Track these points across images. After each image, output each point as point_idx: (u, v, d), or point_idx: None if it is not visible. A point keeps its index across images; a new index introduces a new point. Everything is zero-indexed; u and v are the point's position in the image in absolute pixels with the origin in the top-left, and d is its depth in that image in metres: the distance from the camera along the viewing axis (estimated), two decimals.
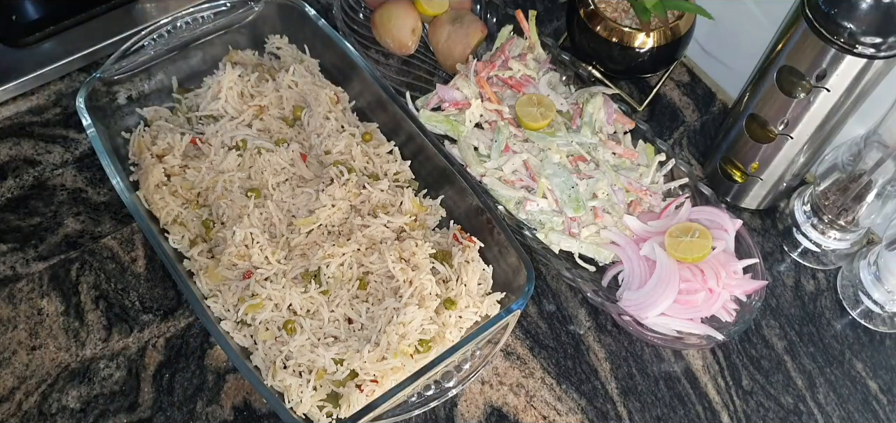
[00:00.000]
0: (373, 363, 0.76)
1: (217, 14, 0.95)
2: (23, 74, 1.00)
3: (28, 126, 0.99)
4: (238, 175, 0.89)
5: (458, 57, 1.03)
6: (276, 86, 0.96)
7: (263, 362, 0.77)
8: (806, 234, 0.95)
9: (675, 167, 0.95)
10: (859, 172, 0.89)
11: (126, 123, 0.93)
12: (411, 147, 0.93)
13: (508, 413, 0.83)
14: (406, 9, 1.04)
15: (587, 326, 0.89)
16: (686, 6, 0.99)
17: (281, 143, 0.91)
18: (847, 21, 0.76)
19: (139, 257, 0.90)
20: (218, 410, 0.81)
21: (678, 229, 0.87)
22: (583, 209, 0.90)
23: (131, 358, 0.83)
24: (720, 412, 0.85)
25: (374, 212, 0.87)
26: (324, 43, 0.99)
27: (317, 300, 0.80)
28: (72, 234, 0.91)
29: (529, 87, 0.99)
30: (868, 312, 0.91)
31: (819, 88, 0.82)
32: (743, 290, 0.86)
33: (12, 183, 0.94)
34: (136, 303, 0.87)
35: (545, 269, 0.93)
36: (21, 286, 0.87)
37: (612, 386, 0.85)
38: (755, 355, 0.89)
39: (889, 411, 0.86)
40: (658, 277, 0.84)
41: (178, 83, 0.97)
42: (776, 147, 0.90)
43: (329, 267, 0.82)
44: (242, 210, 0.85)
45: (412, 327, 0.78)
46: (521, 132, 0.95)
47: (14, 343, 0.83)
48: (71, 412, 0.80)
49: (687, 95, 1.10)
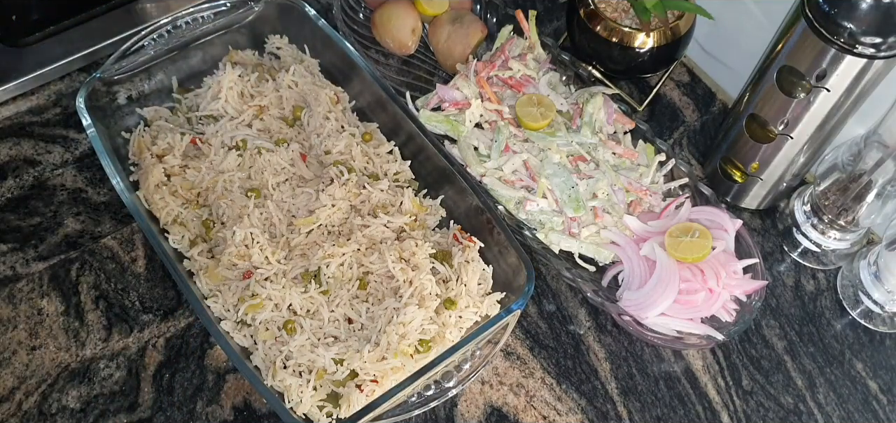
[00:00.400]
0: (373, 363, 0.76)
1: (217, 14, 0.95)
2: (23, 73, 1.01)
3: (28, 126, 0.99)
4: (238, 175, 0.89)
5: (458, 57, 1.03)
6: (276, 86, 0.96)
7: (263, 362, 0.77)
8: (806, 234, 0.95)
9: (675, 167, 0.95)
10: (859, 172, 0.89)
11: (126, 123, 0.93)
12: (411, 147, 0.93)
13: (508, 413, 0.83)
14: (406, 9, 1.04)
15: (587, 326, 0.89)
16: (686, 6, 0.99)
17: (281, 143, 0.91)
18: (847, 21, 0.76)
19: (139, 257, 0.90)
20: (218, 410, 0.81)
21: (678, 229, 0.87)
22: (583, 209, 0.90)
23: (131, 358, 0.83)
24: (720, 412, 0.85)
25: (374, 212, 0.87)
26: (324, 43, 0.99)
27: (317, 300, 0.80)
28: (72, 234, 0.91)
29: (529, 87, 0.99)
30: (868, 312, 0.91)
31: (819, 88, 0.82)
32: (743, 290, 0.86)
33: (12, 183, 0.94)
34: (136, 303, 0.87)
35: (545, 269, 0.93)
36: (21, 286, 0.87)
37: (612, 386, 0.85)
38: (755, 355, 0.89)
39: (889, 411, 0.86)
40: (658, 277, 0.84)
41: (178, 83, 0.97)
42: (776, 147, 0.90)
43: (329, 267, 0.82)
44: (242, 210, 0.85)
45: (412, 328, 0.78)
46: (521, 132, 0.95)
47: (14, 343, 0.83)
48: (71, 412, 0.80)
49: (687, 95, 1.10)
